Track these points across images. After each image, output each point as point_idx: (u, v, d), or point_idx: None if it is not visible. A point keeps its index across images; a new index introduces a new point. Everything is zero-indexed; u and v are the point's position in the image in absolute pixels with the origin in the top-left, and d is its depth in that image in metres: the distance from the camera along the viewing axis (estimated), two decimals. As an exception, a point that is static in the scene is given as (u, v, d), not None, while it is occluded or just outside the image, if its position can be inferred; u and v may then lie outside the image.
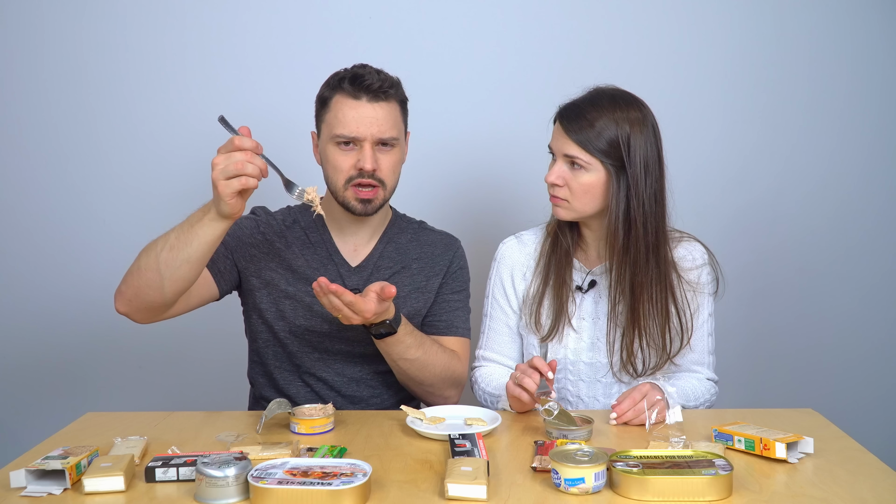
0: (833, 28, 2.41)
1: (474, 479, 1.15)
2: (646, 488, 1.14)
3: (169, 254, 1.45)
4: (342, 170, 1.65)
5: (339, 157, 1.65)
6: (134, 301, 1.54)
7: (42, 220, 2.42)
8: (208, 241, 1.45)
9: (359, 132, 1.63)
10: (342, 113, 1.64)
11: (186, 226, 1.45)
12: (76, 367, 2.47)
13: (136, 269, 1.51)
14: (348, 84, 1.64)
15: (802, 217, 2.48)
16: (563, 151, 1.62)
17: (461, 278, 1.84)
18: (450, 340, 1.79)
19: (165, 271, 1.47)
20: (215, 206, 1.41)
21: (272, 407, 1.47)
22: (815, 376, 2.51)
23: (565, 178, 1.63)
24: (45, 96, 2.37)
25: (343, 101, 1.64)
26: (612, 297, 1.66)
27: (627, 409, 1.51)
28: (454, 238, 1.87)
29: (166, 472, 1.23)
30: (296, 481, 1.13)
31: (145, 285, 1.50)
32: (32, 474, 1.21)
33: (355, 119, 1.63)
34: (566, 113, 1.63)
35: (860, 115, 2.45)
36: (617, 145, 1.58)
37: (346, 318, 1.49)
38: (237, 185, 1.36)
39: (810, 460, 1.31)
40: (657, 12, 2.40)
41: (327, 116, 1.67)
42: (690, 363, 1.72)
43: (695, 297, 1.69)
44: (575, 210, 1.65)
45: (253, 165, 1.35)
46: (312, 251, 1.76)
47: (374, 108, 1.64)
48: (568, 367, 1.73)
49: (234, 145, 1.36)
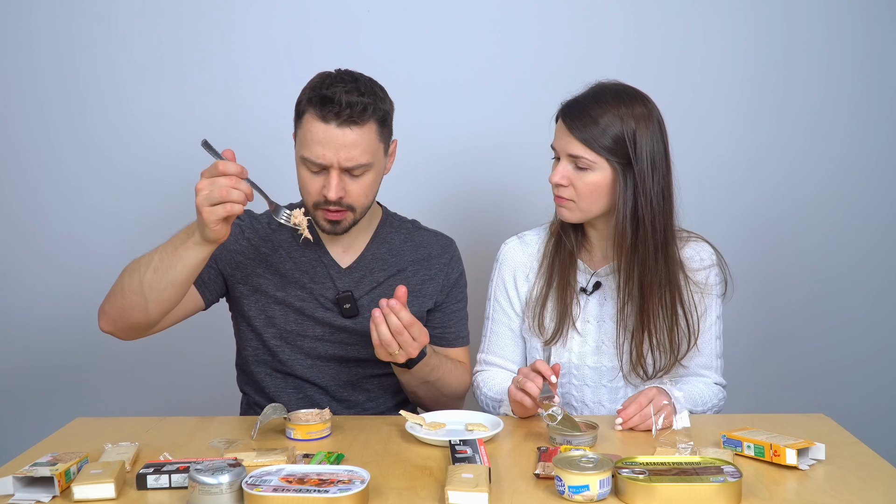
0: (842, 26, 2.40)
1: (475, 486, 1.13)
2: (652, 496, 1.12)
3: (153, 276, 1.45)
4: (310, 193, 1.61)
5: (307, 178, 1.60)
6: (118, 321, 1.54)
7: (30, 222, 2.41)
8: (193, 264, 1.45)
9: (325, 159, 1.54)
10: (310, 134, 1.55)
11: (170, 248, 1.45)
12: (65, 370, 2.45)
13: (120, 290, 1.51)
14: (318, 105, 1.54)
15: (812, 216, 2.47)
16: (568, 151, 1.59)
17: (461, 285, 1.83)
18: (456, 351, 1.79)
19: (150, 294, 1.47)
20: (199, 231, 1.40)
21: (267, 412, 1.46)
22: (827, 380, 2.49)
23: (570, 178, 1.60)
24: (35, 96, 2.36)
25: (312, 122, 1.55)
26: (620, 297, 1.64)
27: (633, 415, 1.48)
28: (449, 239, 1.84)
29: (158, 479, 1.22)
30: (291, 489, 1.11)
31: (129, 307, 1.50)
32: (20, 481, 1.19)
33: (321, 144, 1.54)
34: (569, 111, 1.60)
35: (870, 113, 2.44)
36: (623, 142, 1.55)
37: (406, 345, 1.46)
38: (222, 213, 1.35)
39: (822, 467, 1.30)
40: (662, 8, 2.38)
41: (298, 132, 1.61)
42: (698, 367, 1.70)
43: (702, 299, 1.67)
44: (581, 210, 1.62)
45: (238, 191, 1.34)
46: (301, 253, 1.73)
47: (344, 133, 1.54)
48: (572, 372, 1.70)
49: (219, 170, 1.34)
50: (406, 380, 1.65)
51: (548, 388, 1.45)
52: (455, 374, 1.72)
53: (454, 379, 1.71)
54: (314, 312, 1.70)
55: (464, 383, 1.75)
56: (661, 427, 1.47)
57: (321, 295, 1.70)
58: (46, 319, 2.42)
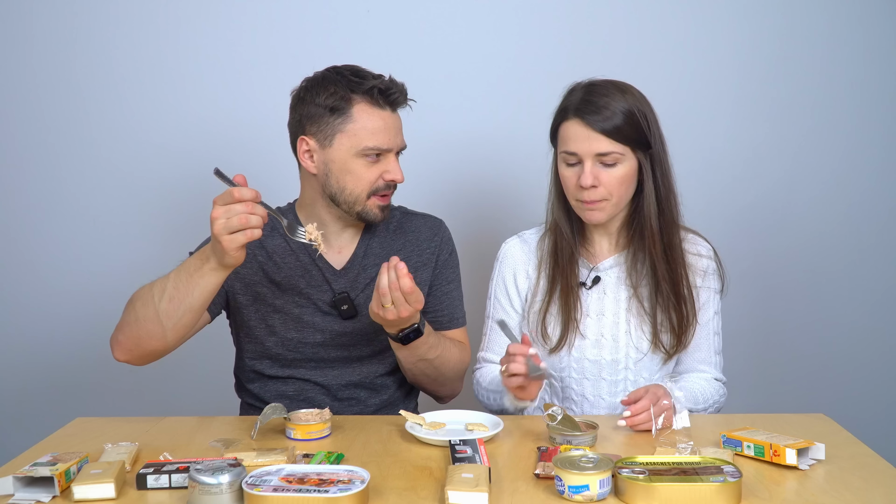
0: (843, 24, 2.40)
1: (475, 486, 1.13)
2: (652, 496, 1.12)
3: (169, 305, 1.47)
4: (368, 181, 1.63)
5: (364, 169, 1.63)
6: (135, 350, 1.56)
7: (31, 224, 2.41)
8: (209, 289, 1.47)
9: (390, 144, 1.63)
10: (373, 124, 1.61)
11: (184, 275, 1.46)
12: (65, 370, 2.45)
13: (134, 321, 1.51)
14: (379, 96, 1.61)
15: (812, 216, 2.47)
16: (595, 150, 1.57)
17: (452, 264, 1.82)
18: (453, 332, 1.79)
19: (167, 322, 1.48)
20: (216, 258, 1.41)
21: (267, 412, 1.46)
22: (827, 380, 2.50)
23: (599, 177, 1.59)
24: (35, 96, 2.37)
25: (371, 111, 1.61)
26: (630, 280, 1.67)
27: (643, 410, 1.46)
28: (438, 220, 1.84)
29: (158, 479, 1.22)
30: (292, 488, 1.11)
31: (146, 336, 1.51)
32: (20, 481, 1.20)
33: (385, 130, 1.62)
34: (584, 109, 1.58)
35: (871, 112, 2.44)
36: (638, 126, 1.58)
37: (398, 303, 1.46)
38: (242, 240, 1.36)
39: (822, 467, 1.29)
40: (663, 5, 2.39)
41: (349, 127, 1.62)
42: (697, 362, 1.71)
43: (702, 289, 1.69)
44: (615, 206, 1.63)
45: (256, 216, 1.36)
46: (295, 258, 1.73)
47: (396, 119, 1.65)
48: (572, 366, 1.70)
49: (234, 198, 1.36)
50: (403, 356, 1.64)
51: (534, 364, 1.46)
52: (454, 351, 1.70)
53: (453, 356, 1.69)
54: (313, 318, 1.70)
55: (463, 362, 1.74)
56: (661, 427, 1.47)
57: (319, 300, 1.70)
58: (47, 321, 2.43)
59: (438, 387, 1.74)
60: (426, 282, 1.77)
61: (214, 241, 1.37)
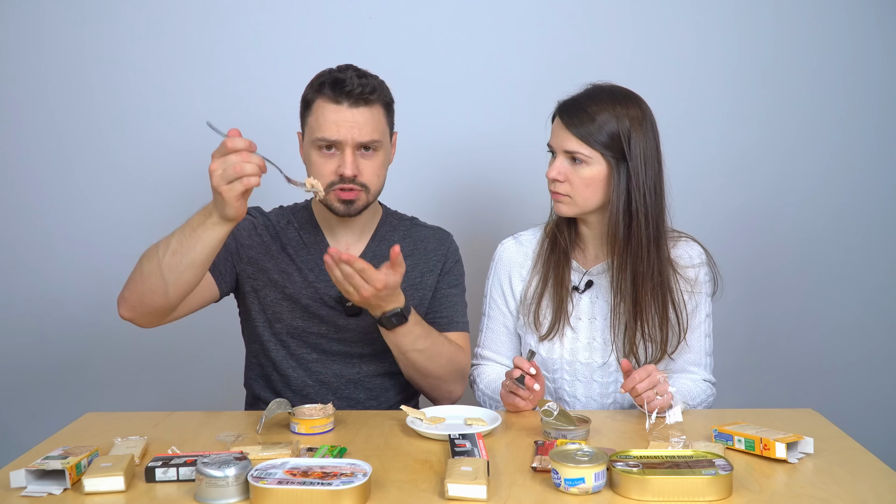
0: (833, 27, 2.41)
1: (474, 479, 1.14)
2: (646, 488, 1.14)
3: (172, 258, 1.45)
4: (323, 174, 1.63)
5: (320, 161, 1.64)
6: (138, 307, 1.54)
7: (40, 220, 2.42)
8: (212, 244, 1.44)
9: (339, 136, 1.61)
10: (323, 117, 1.62)
11: (188, 230, 1.44)
12: (76, 366, 2.46)
13: (139, 275, 1.50)
14: (329, 89, 1.62)
15: (802, 216, 2.47)
16: (564, 147, 1.62)
17: (456, 272, 1.84)
18: (451, 336, 1.78)
19: (169, 276, 1.47)
20: (218, 210, 1.40)
21: (272, 407, 1.47)
22: (815, 376, 2.51)
23: (566, 173, 1.63)
24: (44, 96, 2.38)
25: (324, 105, 1.62)
26: (613, 290, 1.67)
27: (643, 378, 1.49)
28: (446, 232, 1.87)
29: (166, 472, 1.23)
30: (296, 481, 1.12)
31: (149, 290, 1.50)
32: (32, 474, 1.21)
33: (335, 123, 1.61)
34: (566, 109, 1.64)
35: (860, 113, 2.44)
36: (618, 139, 1.59)
37: (357, 287, 1.47)
38: (240, 188, 1.35)
39: (810, 460, 1.31)
40: (656, 10, 2.39)
41: (309, 119, 1.66)
42: (687, 363, 1.73)
43: (692, 297, 1.70)
44: (577, 205, 1.65)
45: (251, 164, 1.34)
46: (307, 251, 1.76)
47: (355, 113, 1.62)
48: (564, 367, 1.73)
49: (228, 148, 1.34)
50: (391, 343, 1.63)
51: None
52: (446, 347, 1.69)
53: (444, 352, 1.68)
54: (319, 310, 1.73)
55: (459, 361, 1.72)
56: (656, 413, 1.50)
57: (325, 293, 1.73)
58: (58, 318, 2.44)
59: (433, 385, 1.73)
60: (430, 287, 1.79)
61: (215, 193, 1.37)
